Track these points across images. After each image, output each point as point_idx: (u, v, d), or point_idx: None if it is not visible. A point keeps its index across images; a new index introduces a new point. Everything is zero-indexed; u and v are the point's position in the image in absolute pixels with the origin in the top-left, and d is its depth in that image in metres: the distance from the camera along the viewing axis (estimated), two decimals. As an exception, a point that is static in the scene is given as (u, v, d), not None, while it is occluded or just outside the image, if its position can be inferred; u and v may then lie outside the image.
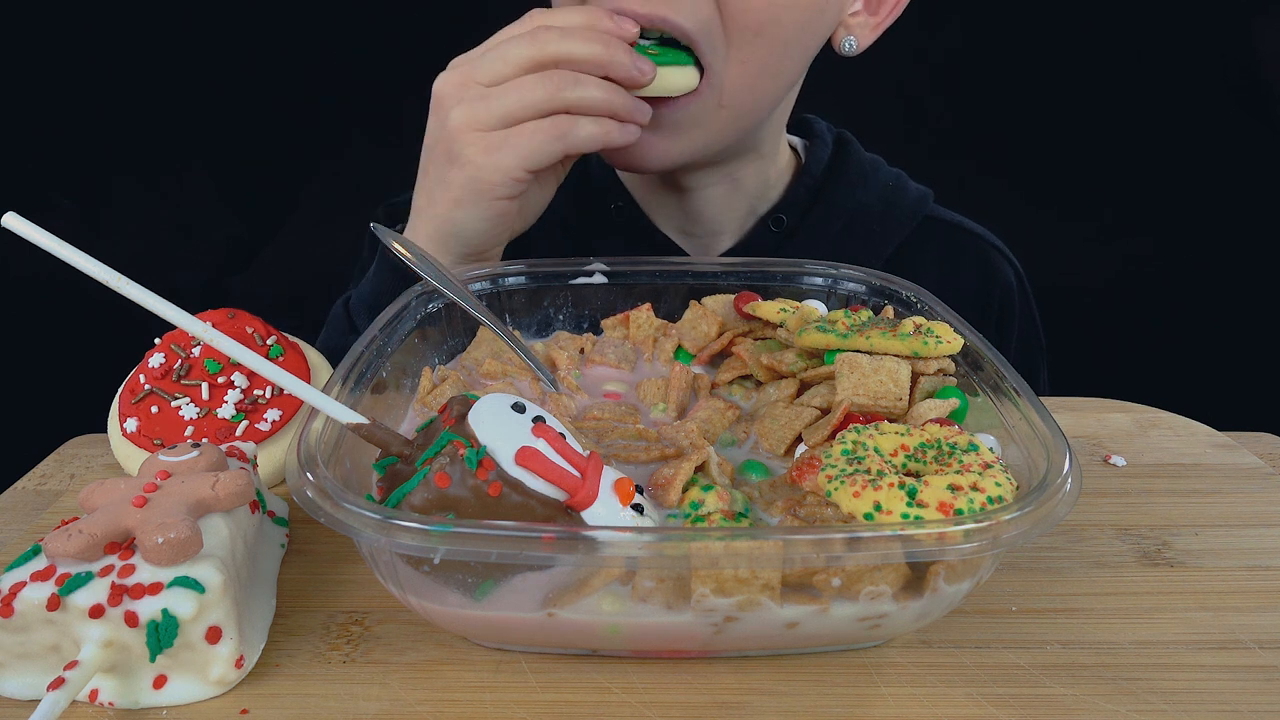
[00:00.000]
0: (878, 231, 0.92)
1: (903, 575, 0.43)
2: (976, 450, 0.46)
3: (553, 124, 0.67)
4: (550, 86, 0.66)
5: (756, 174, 0.90)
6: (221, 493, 0.46)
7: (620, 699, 0.44)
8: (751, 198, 0.91)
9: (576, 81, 0.67)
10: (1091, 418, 0.72)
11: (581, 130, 0.68)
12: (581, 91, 0.67)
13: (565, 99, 0.67)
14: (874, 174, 0.94)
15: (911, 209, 0.93)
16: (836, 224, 0.91)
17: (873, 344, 0.55)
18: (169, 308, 0.44)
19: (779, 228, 0.91)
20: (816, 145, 0.94)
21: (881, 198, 0.93)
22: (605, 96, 0.68)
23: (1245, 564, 0.55)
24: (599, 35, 0.68)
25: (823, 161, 0.93)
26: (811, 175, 0.92)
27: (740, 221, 0.92)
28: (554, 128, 0.67)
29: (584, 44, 0.67)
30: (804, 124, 0.98)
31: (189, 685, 0.44)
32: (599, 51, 0.67)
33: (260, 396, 0.61)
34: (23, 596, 0.42)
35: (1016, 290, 0.96)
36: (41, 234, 0.42)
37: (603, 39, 0.68)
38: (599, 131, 0.69)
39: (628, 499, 0.45)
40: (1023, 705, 0.44)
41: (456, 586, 0.43)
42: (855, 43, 0.81)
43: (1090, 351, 1.68)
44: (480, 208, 0.69)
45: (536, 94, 0.67)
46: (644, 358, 0.67)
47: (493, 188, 0.68)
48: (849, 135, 0.97)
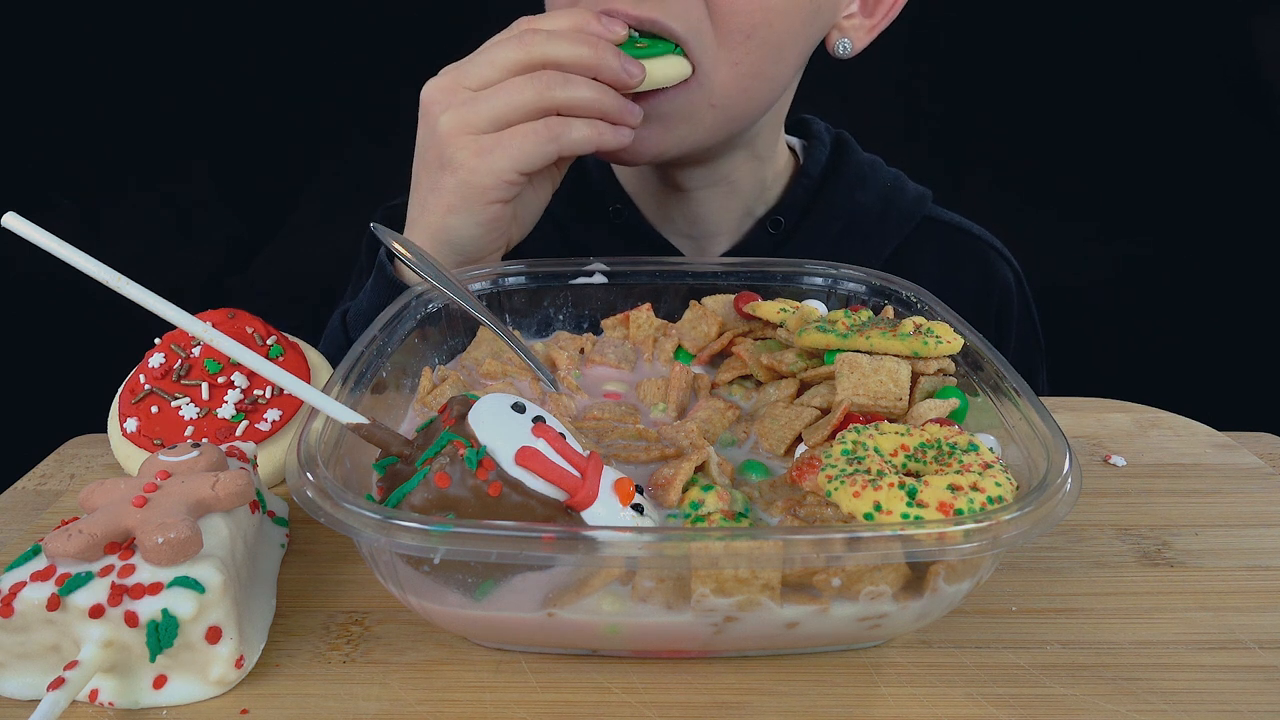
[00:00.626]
0: (876, 232, 0.92)
1: (903, 575, 0.43)
2: (976, 450, 0.46)
3: (545, 125, 0.67)
4: (539, 86, 0.66)
5: (753, 175, 0.90)
6: (221, 493, 0.46)
7: (620, 699, 0.44)
8: (748, 199, 0.91)
9: (566, 81, 0.67)
10: (1091, 418, 0.72)
11: (575, 132, 0.68)
12: (571, 91, 0.67)
13: (555, 99, 0.67)
14: (873, 175, 0.94)
15: (910, 210, 0.93)
16: (835, 225, 0.91)
17: (873, 344, 0.55)
18: (169, 308, 0.44)
19: (777, 229, 0.91)
20: (815, 146, 0.94)
21: (880, 198, 0.92)
22: (595, 96, 0.68)
23: (1245, 564, 0.55)
24: (587, 37, 0.67)
25: (821, 162, 0.93)
26: (810, 176, 0.92)
27: (737, 223, 0.92)
28: (546, 129, 0.67)
29: (571, 46, 0.67)
30: (802, 124, 0.98)
31: (189, 685, 0.44)
32: (586, 54, 0.67)
33: (260, 396, 0.61)
34: (23, 596, 0.42)
35: (1015, 291, 0.96)
36: (41, 234, 0.42)
37: (590, 41, 0.67)
38: (592, 133, 0.68)
39: (628, 499, 0.45)
40: (1023, 705, 0.44)
41: (456, 586, 0.43)
42: (850, 45, 0.81)
43: (1090, 351, 1.69)
44: (474, 213, 0.69)
45: (525, 94, 0.66)
46: (644, 358, 0.67)
47: (485, 191, 0.68)
48: (847, 136, 0.97)
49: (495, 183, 0.67)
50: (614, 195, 0.92)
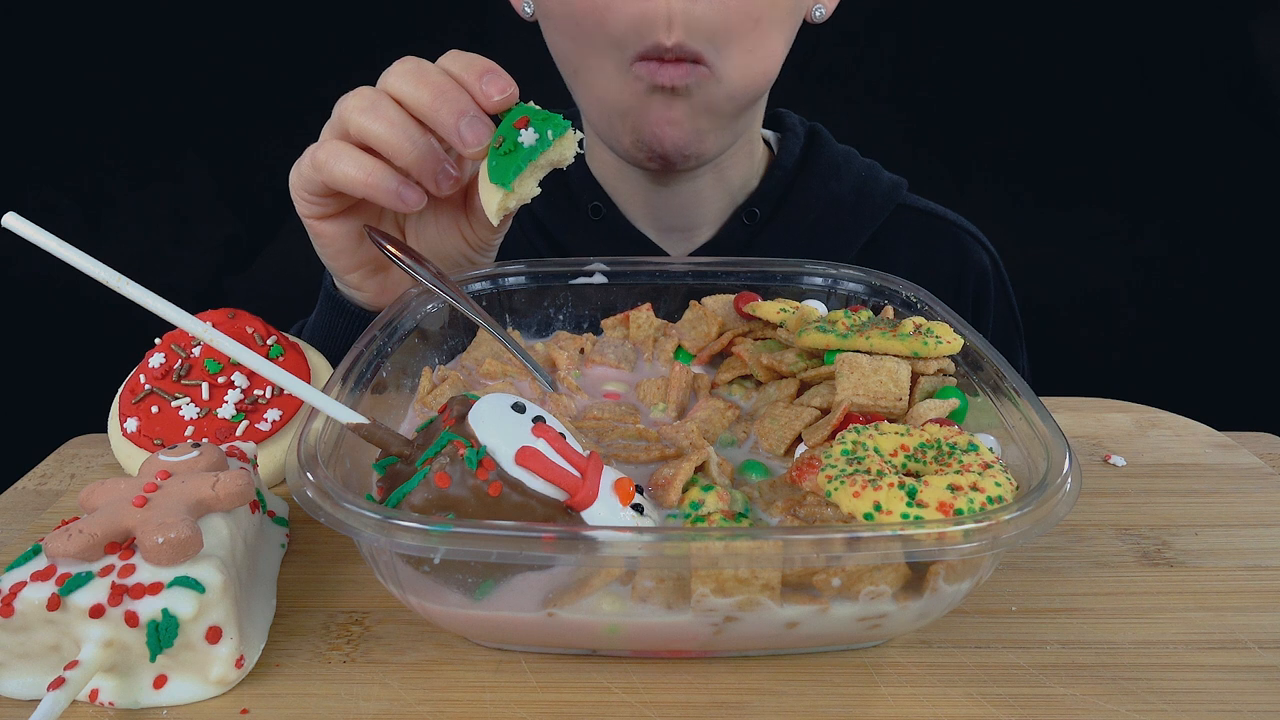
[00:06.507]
0: (851, 221, 0.93)
1: (903, 575, 0.43)
2: (976, 450, 0.46)
3: (329, 147, 0.60)
4: (350, 104, 0.60)
5: (741, 164, 0.91)
6: (221, 493, 0.46)
7: (620, 699, 0.44)
8: (734, 190, 0.92)
9: (371, 108, 0.59)
10: (1091, 418, 0.72)
11: (342, 165, 0.59)
12: (365, 120, 0.59)
13: (355, 122, 0.59)
14: (846, 165, 0.95)
15: (884, 198, 0.94)
16: (809, 215, 0.92)
17: (873, 344, 0.55)
18: (169, 308, 0.44)
19: (752, 220, 0.92)
20: (788, 138, 0.96)
21: (854, 188, 0.93)
22: (387, 134, 0.58)
23: (1245, 564, 0.55)
24: (435, 83, 0.58)
25: (795, 154, 0.94)
26: (784, 168, 0.93)
27: (720, 215, 0.93)
28: (325, 151, 0.60)
29: (414, 87, 0.58)
30: (776, 118, 0.99)
31: (189, 685, 0.44)
32: (425, 98, 0.58)
33: (260, 396, 0.61)
34: (23, 596, 0.42)
35: (991, 273, 0.96)
36: (41, 234, 0.42)
37: (437, 88, 0.58)
38: (358, 176, 0.59)
39: (628, 499, 0.45)
40: (1023, 705, 0.44)
41: (456, 586, 0.43)
42: (824, 10, 0.84)
43: (1090, 351, 1.69)
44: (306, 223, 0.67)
45: (342, 108, 0.60)
46: (644, 358, 0.67)
47: (295, 197, 0.65)
48: (820, 128, 0.98)
49: (294, 194, 0.65)
50: (593, 193, 0.92)
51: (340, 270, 0.69)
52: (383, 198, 0.59)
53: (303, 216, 0.66)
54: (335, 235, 0.66)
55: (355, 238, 0.67)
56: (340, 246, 0.67)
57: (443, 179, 0.61)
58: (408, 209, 0.60)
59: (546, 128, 0.56)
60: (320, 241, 0.67)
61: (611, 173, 0.92)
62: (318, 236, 0.67)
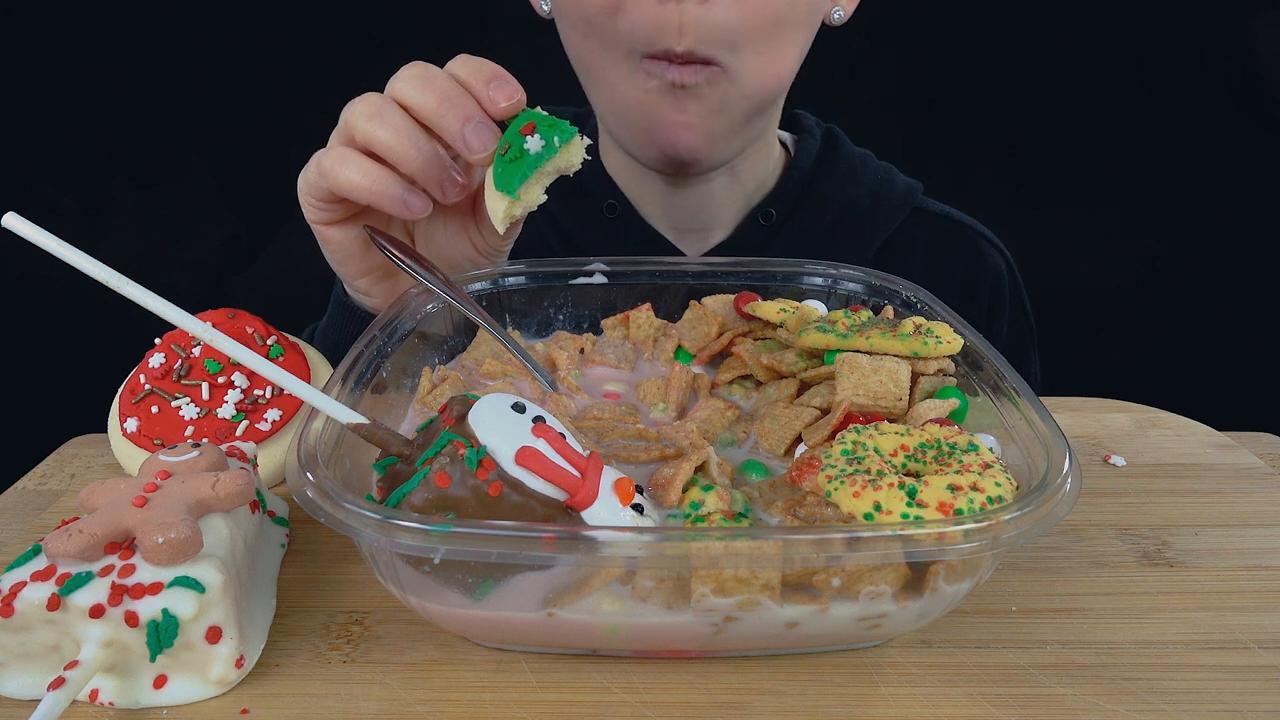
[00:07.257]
0: (867, 224, 0.92)
1: (903, 575, 0.43)
2: (976, 450, 0.46)
3: (335, 154, 0.60)
4: (351, 111, 0.59)
5: (757, 165, 0.91)
6: (221, 493, 0.46)
7: (620, 699, 0.44)
8: (749, 190, 0.92)
9: (377, 114, 0.58)
10: (1091, 418, 0.72)
11: (348, 173, 0.59)
12: (370, 127, 0.58)
13: (361, 129, 0.59)
14: (862, 167, 0.95)
15: (900, 201, 0.94)
16: (825, 217, 0.92)
17: (873, 344, 0.55)
18: (169, 308, 0.44)
19: (768, 221, 0.92)
20: (805, 140, 0.95)
21: (870, 191, 0.93)
22: (392, 141, 0.58)
23: (1245, 564, 0.55)
24: (443, 87, 0.58)
25: (811, 155, 0.94)
26: (800, 169, 0.93)
27: (735, 216, 0.93)
28: (331, 158, 0.60)
29: (420, 92, 0.58)
30: (793, 119, 0.99)
31: (189, 685, 0.44)
32: (431, 103, 0.57)
33: (260, 396, 0.61)
34: (23, 596, 0.42)
35: (1007, 279, 0.96)
36: (41, 234, 0.42)
37: (444, 93, 0.57)
38: (363, 183, 0.58)
39: (628, 499, 0.45)
40: (1023, 705, 0.44)
41: (456, 586, 0.43)
42: (843, 12, 0.84)
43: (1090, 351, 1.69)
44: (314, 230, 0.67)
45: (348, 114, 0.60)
46: (644, 358, 0.67)
47: (303, 203, 0.65)
48: (837, 130, 0.98)
49: (302, 199, 0.64)
50: (608, 192, 0.92)
51: (349, 275, 0.69)
52: (387, 205, 0.59)
53: (311, 222, 0.66)
54: (343, 241, 0.66)
55: (363, 243, 0.67)
56: (348, 252, 0.67)
57: (449, 186, 0.60)
58: (413, 216, 0.60)
59: (553, 134, 0.56)
60: (329, 247, 0.67)
61: (627, 173, 0.92)
62: (326, 242, 0.67)
